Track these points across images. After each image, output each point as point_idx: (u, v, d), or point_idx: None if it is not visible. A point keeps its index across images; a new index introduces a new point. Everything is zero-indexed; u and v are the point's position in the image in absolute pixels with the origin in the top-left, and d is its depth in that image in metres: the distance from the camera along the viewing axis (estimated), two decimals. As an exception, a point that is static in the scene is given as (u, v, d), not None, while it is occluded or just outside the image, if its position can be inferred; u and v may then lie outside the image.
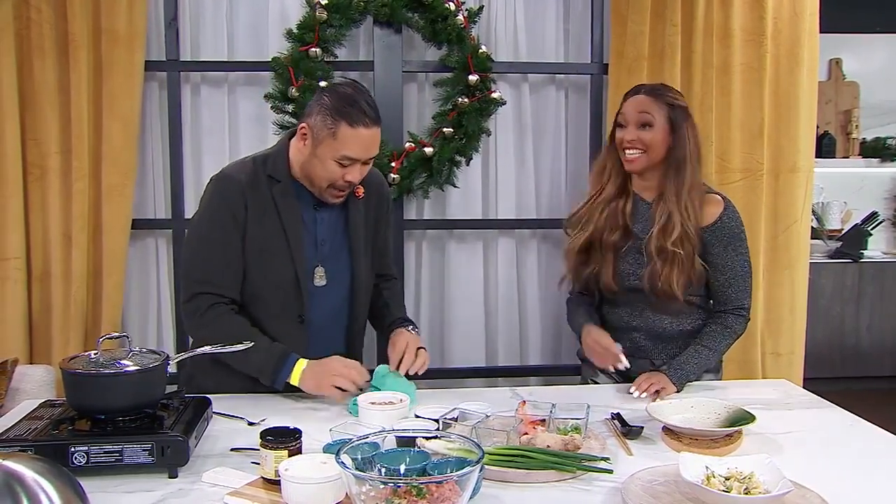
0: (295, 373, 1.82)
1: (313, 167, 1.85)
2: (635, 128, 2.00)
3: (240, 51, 2.97)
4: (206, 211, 1.91)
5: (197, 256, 1.91)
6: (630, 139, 2.00)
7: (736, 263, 2.02)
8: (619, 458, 1.50)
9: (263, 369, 1.84)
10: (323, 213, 1.95)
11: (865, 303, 4.75)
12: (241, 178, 1.88)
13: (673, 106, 2.01)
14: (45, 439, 1.40)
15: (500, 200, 3.08)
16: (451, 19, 2.84)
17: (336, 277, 1.98)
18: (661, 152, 2.00)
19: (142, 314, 2.97)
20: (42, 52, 2.67)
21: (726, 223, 2.00)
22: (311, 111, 1.84)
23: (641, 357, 2.08)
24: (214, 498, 1.33)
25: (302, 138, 1.86)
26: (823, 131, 4.83)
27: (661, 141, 2.00)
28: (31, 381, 2.50)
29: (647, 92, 2.03)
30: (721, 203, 2.02)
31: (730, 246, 2.01)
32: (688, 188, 1.98)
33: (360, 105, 1.79)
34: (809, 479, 1.33)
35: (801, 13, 2.87)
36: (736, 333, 2.04)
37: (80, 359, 1.51)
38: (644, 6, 2.83)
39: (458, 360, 3.09)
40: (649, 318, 2.07)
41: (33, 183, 2.73)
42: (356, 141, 1.79)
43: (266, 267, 1.90)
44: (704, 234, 2.00)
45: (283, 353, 1.84)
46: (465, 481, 1.13)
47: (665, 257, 1.96)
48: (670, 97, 2.03)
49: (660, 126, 1.99)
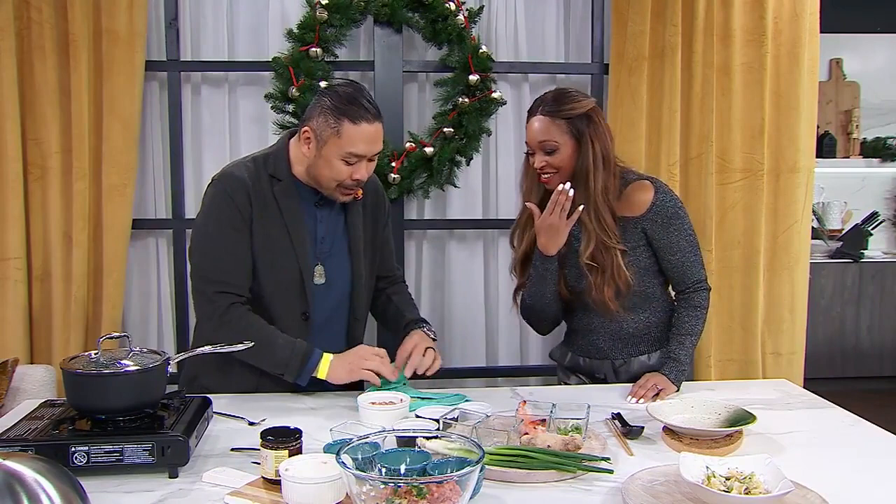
0: (322, 366, 1.83)
1: (320, 169, 1.85)
2: (541, 153, 1.97)
3: (240, 51, 2.97)
4: (210, 210, 1.91)
5: (207, 257, 1.90)
6: (539, 166, 1.98)
7: (682, 241, 1.99)
8: (620, 459, 1.50)
9: (289, 365, 1.83)
10: (323, 212, 1.96)
11: (866, 303, 4.75)
12: (245, 177, 1.89)
13: (571, 118, 1.94)
14: (45, 439, 1.40)
15: (500, 200, 3.08)
16: (452, 19, 2.84)
17: (335, 276, 1.98)
18: (572, 167, 1.96)
19: (142, 314, 2.97)
20: (42, 53, 2.67)
21: (660, 206, 1.97)
22: (312, 114, 1.84)
23: (602, 358, 2.10)
24: (215, 498, 1.33)
25: (305, 142, 1.86)
26: (824, 131, 4.83)
27: (570, 158, 1.95)
28: (31, 381, 2.51)
29: (544, 111, 1.96)
30: (650, 188, 1.98)
31: (671, 227, 1.98)
32: (595, 196, 1.94)
33: (361, 102, 1.81)
34: (810, 479, 1.33)
35: (802, 13, 2.87)
36: (705, 309, 2.03)
37: (81, 359, 1.51)
38: (644, 6, 2.83)
39: (459, 360, 3.09)
40: (605, 321, 2.06)
41: (34, 183, 2.73)
42: (360, 137, 1.80)
43: (270, 265, 1.90)
44: (643, 222, 1.98)
45: (308, 349, 1.84)
46: (466, 481, 1.13)
47: (591, 269, 1.96)
48: (567, 110, 1.94)
49: (564, 144, 1.94)
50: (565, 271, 2.05)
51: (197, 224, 1.97)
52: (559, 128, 1.94)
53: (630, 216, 1.98)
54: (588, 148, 1.93)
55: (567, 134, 1.94)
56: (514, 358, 3.14)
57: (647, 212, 1.97)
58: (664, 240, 1.99)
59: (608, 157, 1.96)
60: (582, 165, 1.94)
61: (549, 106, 1.96)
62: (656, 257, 2.03)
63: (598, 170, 1.94)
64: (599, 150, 1.94)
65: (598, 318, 2.07)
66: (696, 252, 2.03)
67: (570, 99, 1.96)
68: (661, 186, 2.00)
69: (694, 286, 2.02)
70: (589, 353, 2.11)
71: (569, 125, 1.94)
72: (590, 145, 1.93)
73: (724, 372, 2.95)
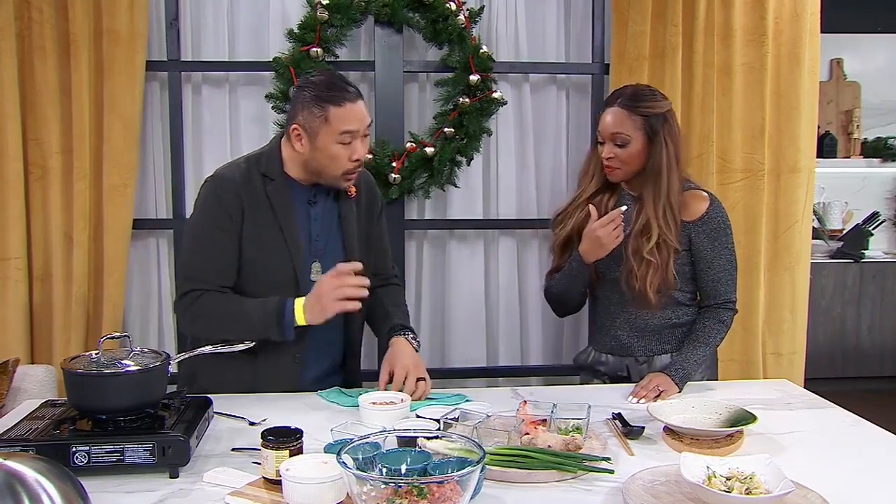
0: (298, 314, 1.82)
1: (318, 161, 1.87)
2: (612, 145, 2.01)
3: (241, 51, 2.97)
4: (200, 212, 1.93)
5: (190, 256, 1.94)
6: (607, 157, 2.02)
7: (723, 257, 2.05)
8: (621, 459, 1.50)
9: (267, 324, 1.83)
10: (317, 210, 1.97)
11: (866, 303, 4.75)
12: (235, 178, 1.90)
13: (648, 116, 1.99)
14: (46, 439, 1.40)
15: (500, 200, 3.08)
16: (452, 19, 2.84)
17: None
18: (639, 164, 2.02)
19: (143, 314, 2.97)
20: (43, 53, 2.67)
21: (712, 217, 2.03)
22: (296, 111, 1.87)
23: (625, 354, 2.11)
24: (215, 498, 1.33)
25: (297, 140, 1.88)
26: (824, 131, 4.83)
27: (638, 154, 2.01)
28: (32, 381, 2.51)
29: (622, 104, 2.01)
30: (706, 199, 2.05)
31: (717, 240, 2.03)
32: (666, 195, 1.99)
33: (339, 85, 1.85)
34: (811, 479, 1.33)
35: (802, 13, 2.87)
36: (728, 327, 2.08)
37: (82, 359, 1.51)
38: (645, 6, 2.83)
39: (459, 360, 3.09)
40: (630, 313, 2.08)
41: (34, 183, 2.73)
42: (349, 115, 1.83)
43: (264, 264, 1.91)
44: (691, 229, 2.03)
45: (278, 303, 1.84)
46: (466, 481, 1.13)
47: (641, 260, 1.98)
48: (645, 107, 2.00)
49: (636, 141, 1.99)
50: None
51: (187, 224, 2.01)
52: (634, 123, 1.99)
53: (682, 221, 2.02)
54: (662, 148, 1.98)
55: (641, 130, 1.99)
56: (514, 358, 3.14)
57: (699, 220, 2.02)
58: (707, 251, 2.03)
59: (679, 158, 2.02)
60: (654, 164, 1.99)
61: (627, 100, 2.01)
62: (693, 266, 2.06)
63: (671, 170, 1.99)
64: (673, 151, 2.00)
65: (622, 313, 2.09)
66: (733, 272, 2.07)
67: (649, 97, 2.02)
68: (715, 200, 2.06)
69: (724, 304, 2.06)
70: (612, 349, 2.14)
71: (644, 122, 1.99)
72: (664, 145, 1.98)
73: (725, 372, 2.93)
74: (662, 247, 1.98)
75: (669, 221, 1.99)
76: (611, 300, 2.12)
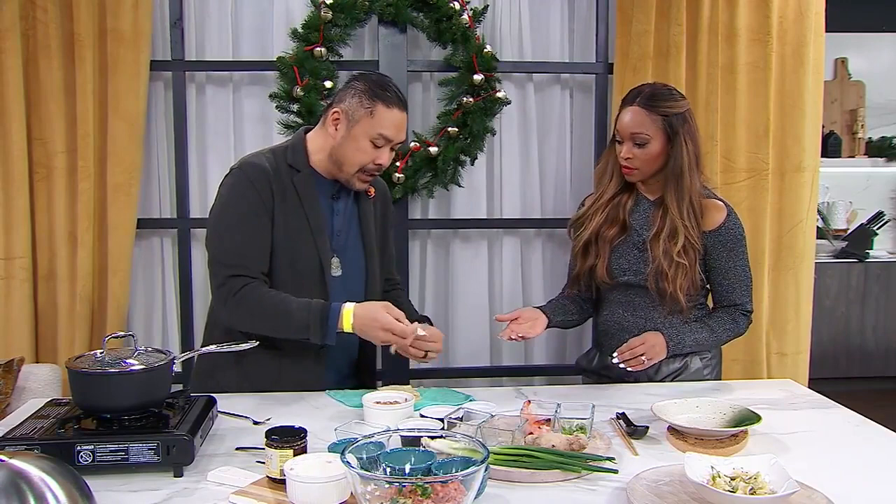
0: (345, 320, 1.80)
1: (346, 149, 1.89)
2: (630, 144, 1.99)
3: (244, 50, 2.97)
4: (230, 198, 1.91)
5: (225, 242, 1.89)
6: (626, 156, 2.00)
7: (738, 267, 2.03)
8: (625, 458, 1.50)
9: (310, 327, 1.80)
10: (339, 205, 2.00)
11: (871, 303, 4.74)
12: (266, 166, 1.91)
13: (668, 115, 1.96)
14: (51, 438, 1.40)
15: (504, 200, 3.08)
16: (456, 19, 2.84)
17: (350, 269, 2.00)
18: (658, 164, 2.00)
19: (147, 313, 2.98)
20: (48, 52, 2.68)
21: (729, 228, 2.02)
22: (344, 97, 1.90)
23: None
24: (220, 497, 1.33)
25: (334, 123, 1.90)
26: (829, 131, 4.82)
27: (658, 154, 1.98)
28: (36, 380, 2.52)
29: (641, 103, 1.98)
30: (724, 209, 2.03)
31: (733, 251, 2.02)
32: (688, 196, 1.98)
33: (393, 89, 1.90)
34: (815, 479, 1.33)
35: (807, 12, 2.86)
36: (740, 331, 2.07)
37: (86, 358, 1.52)
38: (649, 5, 2.82)
39: (463, 360, 3.09)
40: (640, 317, 2.07)
41: (39, 182, 2.74)
42: (392, 121, 1.87)
43: (291, 254, 1.91)
44: (707, 239, 2.01)
45: (324, 307, 1.81)
46: (470, 481, 1.13)
47: (671, 262, 1.97)
48: (666, 107, 1.97)
49: (655, 140, 1.97)
50: (614, 255, 2.06)
51: (214, 213, 1.95)
52: (654, 122, 1.97)
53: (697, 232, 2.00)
54: (683, 148, 1.96)
55: (661, 130, 1.97)
56: (518, 357, 3.14)
57: (716, 230, 2.01)
58: (723, 262, 2.03)
59: (700, 158, 2.01)
60: (676, 165, 1.97)
61: (646, 99, 1.98)
62: (707, 275, 2.05)
63: (692, 170, 1.98)
64: (693, 151, 1.98)
65: (630, 316, 2.08)
66: (748, 282, 2.06)
67: (668, 96, 2.00)
68: (732, 210, 2.05)
69: (739, 309, 2.05)
70: None
71: (664, 122, 1.96)
72: (684, 145, 1.96)
73: (729, 372, 2.93)
74: (689, 249, 1.97)
75: (693, 223, 1.98)
76: (622, 303, 2.09)
